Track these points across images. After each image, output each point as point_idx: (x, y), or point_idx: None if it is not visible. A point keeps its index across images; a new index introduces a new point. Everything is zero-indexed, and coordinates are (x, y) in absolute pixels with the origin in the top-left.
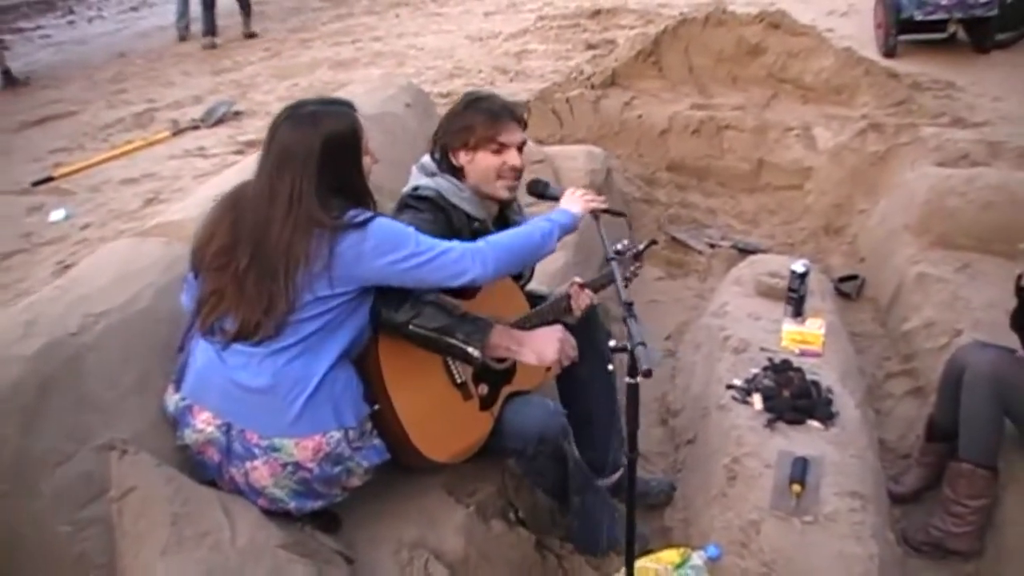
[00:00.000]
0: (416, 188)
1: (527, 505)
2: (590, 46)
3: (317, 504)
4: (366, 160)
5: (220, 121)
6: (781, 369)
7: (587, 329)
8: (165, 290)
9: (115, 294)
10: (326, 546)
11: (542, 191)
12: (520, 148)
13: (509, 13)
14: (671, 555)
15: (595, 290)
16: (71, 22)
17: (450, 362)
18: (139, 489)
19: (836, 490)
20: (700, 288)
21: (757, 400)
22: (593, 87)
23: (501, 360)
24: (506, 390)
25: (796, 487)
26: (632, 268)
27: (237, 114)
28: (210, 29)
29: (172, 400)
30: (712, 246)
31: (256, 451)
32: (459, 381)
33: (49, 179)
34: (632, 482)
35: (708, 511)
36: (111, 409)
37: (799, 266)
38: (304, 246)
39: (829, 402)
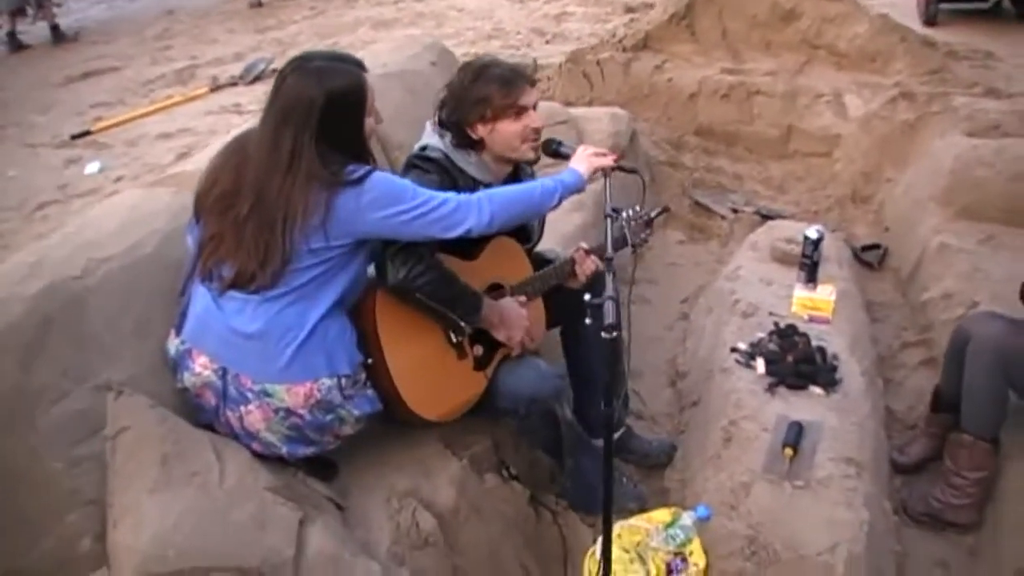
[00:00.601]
0: (424, 148)
1: (525, 461)
2: (629, 9)
3: (309, 450)
4: (369, 120)
5: (258, 78)
6: (786, 334)
7: (591, 290)
8: (170, 238)
9: (120, 240)
10: (317, 492)
11: (556, 149)
12: (535, 107)
13: None
14: (662, 515)
15: (601, 256)
16: None
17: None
18: (132, 429)
19: (831, 456)
20: (720, 253)
21: (760, 364)
22: (625, 50)
23: None
24: (502, 351)
25: (788, 451)
26: (642, 234)
27: (275, 71)
28: None
29: (173, 344)
30: (735, 211)
31: (250, 396)
32: (454, 341)
33: (87, 133)
34: (609, 436)
35: (703, 472)
36: (110, 351)
37: (812, 232)
38: (302, 200)
39: (833, 369)
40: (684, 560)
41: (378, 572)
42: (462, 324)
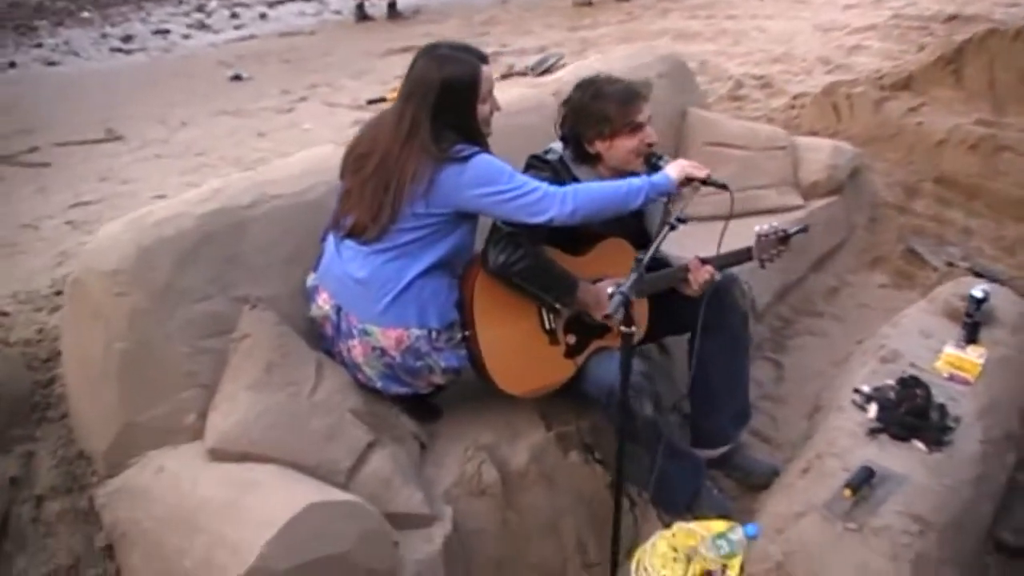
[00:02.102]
0: (547, 152)
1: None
2: (924, 49)
3: (403, 390)
4: (484, 107)
5: (546, 71)
6: (908, 384)
7: (717, 305)
8: (337, 190)
9: (295, 184)
10: (404, 427)
11: (655, 163)
12: (649, 121)
13: (868, 8)
14: (719, 525)
15: (719, 267)
16: None
17: (543, 309)
18: (253, 336)
19: (899, 509)
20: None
21: (873, 409)
22: (883, 88)
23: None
24: (596, 344)
25: (847, 492)
26: (773, 251)
27: (564, 66)
28: None
29: (310, 278)
30: (950, 265)
31: (354, 332)
32: (548, 327)
33: (382, 99)
34: (622, 430)
35: (774, 497)
36: (259, 271)
37: (978, 291)
38: (413, 168)
39: (946, 428)
40: (723, 571)
41: (419, 500)
42: (558, 307)
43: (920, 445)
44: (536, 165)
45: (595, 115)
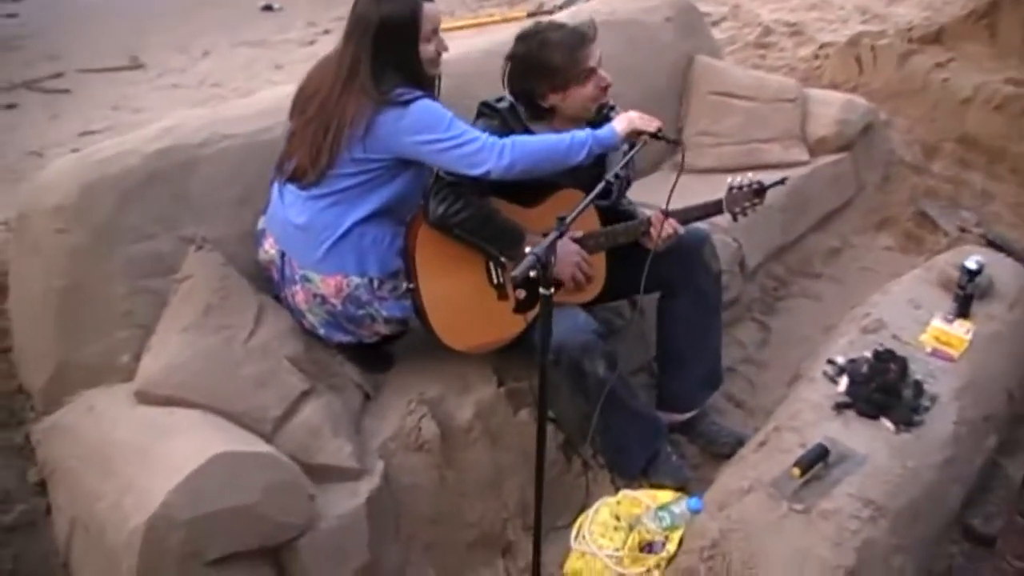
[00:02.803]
0: (499, 99)
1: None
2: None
3: (346, 338)
4: (429, 47)
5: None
6: (884, 358)
7: (686, 265)
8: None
9: (251, 123)
10: (348, 377)
11: (606, 114)
12: (599, 63)
13: None
14: (665, 495)
15: (684, 222)
16: None
17: (490, 262)
18: (195, 278)
19: (852, 491)
20: None
21: (843, 382)
22: (911, 41)
23: None
24: None
25: (796, 471)
26: (746, 203)
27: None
28: None
29: (260, 221)
30: (963, 230)
31: (296, 277)
32: (496, 282)
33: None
34: (543, 393)
35: (728, 468)
36: (207, 212)
37: (972, 262)
38: (352, 111)
39: (918, 408)
40: (663, 544)
41: (347, 453)
42: (503, 260)
43: (888, 424)
44: (486, 113)
45: (544, 67)
